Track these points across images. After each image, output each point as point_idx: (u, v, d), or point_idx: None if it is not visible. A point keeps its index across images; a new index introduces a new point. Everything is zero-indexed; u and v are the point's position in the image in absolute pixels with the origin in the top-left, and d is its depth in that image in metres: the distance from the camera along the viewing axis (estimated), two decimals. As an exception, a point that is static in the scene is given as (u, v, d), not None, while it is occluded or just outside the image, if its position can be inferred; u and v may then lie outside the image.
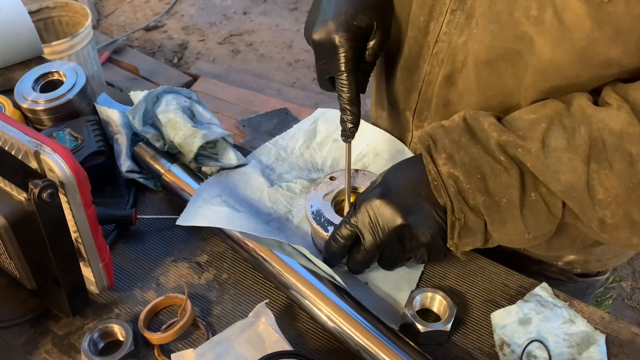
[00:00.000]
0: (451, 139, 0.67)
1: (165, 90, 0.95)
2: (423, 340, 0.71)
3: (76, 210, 0.66)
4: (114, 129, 0.92)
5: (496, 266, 0.81)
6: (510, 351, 0.70)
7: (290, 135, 0.98)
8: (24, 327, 0.74)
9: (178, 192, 0.86)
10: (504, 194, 0.65)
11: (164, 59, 3.14)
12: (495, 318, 0.73)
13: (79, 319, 0.75)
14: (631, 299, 2.12)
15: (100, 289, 0.75)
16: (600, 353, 0.69)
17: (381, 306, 0.76)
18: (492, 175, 0.65)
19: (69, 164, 0.63)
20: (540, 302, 0.74)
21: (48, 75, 0.98)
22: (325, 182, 0.83)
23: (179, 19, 3.42)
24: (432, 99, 0.81)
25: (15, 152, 0.64)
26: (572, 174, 0.62)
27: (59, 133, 0.89)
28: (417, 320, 0.70)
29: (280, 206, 0.88)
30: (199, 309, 0.76)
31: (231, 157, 0.91)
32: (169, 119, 0.90)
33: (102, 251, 0.72)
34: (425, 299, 0.75)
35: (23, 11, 1.07)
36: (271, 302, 0.77)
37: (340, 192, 0.83)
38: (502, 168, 0.65)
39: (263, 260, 0.76)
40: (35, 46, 1.12)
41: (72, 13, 2.66)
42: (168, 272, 0.81)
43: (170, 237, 0.85)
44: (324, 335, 0.73)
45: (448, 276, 0.80)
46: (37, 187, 0.60)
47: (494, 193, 0.65)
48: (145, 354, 0.72)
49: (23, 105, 0.94)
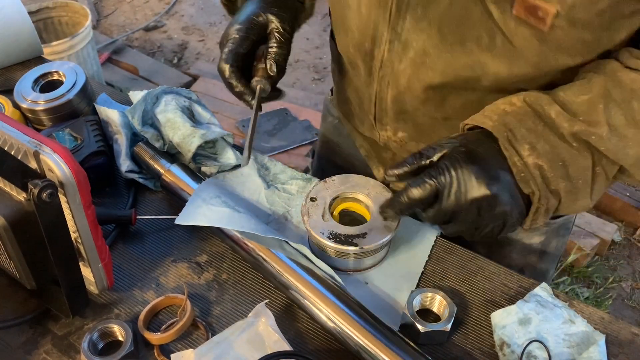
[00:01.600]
0: (527, 127, 0.68)
1: (164, 91, 0.95)
2: (423, 340, 0.71)
3: (76, 210, 0.66)
4: (114, 129, 0.92)
5: (496, 266, 0.81)
6: (510, 351, 0.70)
7: None
8: (23, 327, 0.74)
9: (178, 192, 0.86)
10: (581, 175, 0.69)
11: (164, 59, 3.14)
12: (495, 318, 0.73)
13: (79, 319, 0.75)
14: (631, 299, 2.12)
15: (99, 289, 0.75)
16: (600, 353, 0.69)
17: (381, 306, 0.76)
18: (571, 161, 0.68)
19: (68, 164, 0.63)
20: (540, 302, 0.74)
21: (48, 75, 0.98)
22: (310, 205, 0.80)
23: (178, 19, 3.42)
24: (387, 111, 0.84)
25: (15, 152, 0.64)
26: (639, 147, 0.67)
27: (59, 133, 0.89)
28: (417, 320, 0.70)
29: (279, 207, 0.88)
30: (198, 309, 0.76)
31: (230, 157, 0.91)
32: (168, 118, 0.90)
33: (102, 251, 0.72)
34: (426, 299, 0.75)
35: (23, 11, 1.07)
36: (271, 302, 0.77)
37: (332, 202, 0.80)
38: (577, 154, 0.68)
39: (263, 260, 0.76)
40: (35, 46, 1.12)
41: (72, 13, 2.66)
42: (168, 272, 0.80)
43: (169, 237, 0.85)
44: (324, 335, 0.73)
45: (448, 276, 0.80)
46: (37, 187, 0.60)
47: (574, 177, 0.68)
48: (145, 354, 0.71)
49: (23, 105, 0.94)
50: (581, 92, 0.68)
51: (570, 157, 0.68)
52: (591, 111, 0.66)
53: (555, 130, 0.68)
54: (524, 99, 0.69)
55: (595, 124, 0.66)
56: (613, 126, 0.66)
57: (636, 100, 0.66)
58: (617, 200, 2.30)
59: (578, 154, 0.67)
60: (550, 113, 0.68)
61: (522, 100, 0.69)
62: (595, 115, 0.66)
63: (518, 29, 0.65)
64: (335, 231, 0.77)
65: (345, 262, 0.79)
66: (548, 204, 0.69)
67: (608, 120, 0.66)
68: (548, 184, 0.68)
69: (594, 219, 2.23)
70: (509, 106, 0.70)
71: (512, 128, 0.68)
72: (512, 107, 0.69)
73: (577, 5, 0.61)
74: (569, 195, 0.69)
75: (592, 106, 0.67)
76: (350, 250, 0.75)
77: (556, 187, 0.68)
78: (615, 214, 2.33)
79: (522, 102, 0.69)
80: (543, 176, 0.68)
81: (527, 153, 0.67)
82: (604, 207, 2.33)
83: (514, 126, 0.68)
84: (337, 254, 0.77)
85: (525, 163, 0.67)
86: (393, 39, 0.74)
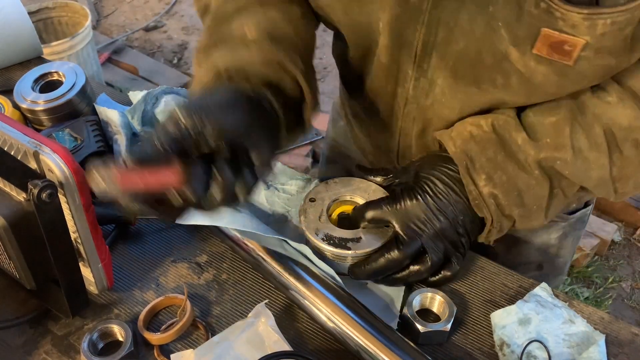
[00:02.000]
0: (487, 157, 0.71)
1: (164, 91, 0.95)
2: (422, 340, 0.71)
3: (75, 210, 0.66)
4: (114, 129, 0.92)
5: (496, 266, 0.81)
6: (510, 351, 0.70)
7: None
8: (23, 327, 0.74)
9: (178, 192, 0.86)
10: (535, 202, 0.72)
11: (164, 59, 3.14)
12: (495, 318, 0.73)
13: (79, 320, 0.75)
14: (631, 299, 2.12)
15: (99, 289, 0.75)
16: (600, 353, 0.69)
17: (381, 306, 0.76)
18: (527, 190, 0.71)
19: (68, 164, 0.63)
20: (540, 302, 0.74)
21: (47, 75, 0.98)
22: (308, 205, 0.80)
23: (178, 20, 3.42)
24: (412, 146, 0.84)
25: (14, 152, 0.64)
26: (600, 169, 0.69)
27: (59, 133, 0.89)
28: (416, 321, 0.70)
29: (278, 207, 0.88)
30: (198, 309, 0.76)
31: (231, 157, 0.91)
32: (169, 119, 0.90)
33: (102, 251, 0.72)
34: (425, 299, 0.75)
35: (23, 11, 1.07)
36: (271, 302, 0.77)
37: (331, 204, 0.80)
38: (535, 183, 0.70)
39: (263, 261, 0.76)
40: (34, 46, 1.12)
41: (72, 13, 2.66)
42: (168, 273, 0.80)
43: (169, 238, 0.85)
44: (324, 335, 0.73)
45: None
46: (37, 187, 0.60)
47: (528, 204, 0.72)
48: (145, 355, 0.71)
49: (22, 105, 0.94)
50: (550, 114, 0.69)
51: (527, 187, 0.71)
52: (558, 134, 0.68)
53: (515, 159, 0.70)
54: (492, 123, 0.71)
55: (561, 147, 0.68)
56: (577, 149, 0.68)
57: (597, 125, 0.67)
58: (617, 200, 2.30)
59: (535, 183, 0.70)
60: (517, 139, 0.70)
61: (490, 124, 0.71)
62: (561, 138, 0.68)
63: (538, 67, 0.63)
64: (330, 233, 0.76)
65: (343, 266, 0.77)
66: (501, 226, 0.73)
67: (572, 143, 0.68)
68: (502, 210, 0.72)
69: (594, 219, 2.23)
70: (475, 129, 0.72)
71: (473, 156, 0.71)
72: (479, 130, 0.72)
73: (606, 34, 0.58)
74: (522, 218, 0.73)
75: (558, 129, 0.68)
76: (342, 253, 0.74)
77: (510, 212, 0.72)
78: (615, 214, 2.33)
79: (489, 127, 0.71)
80: (497, 204, 0.71)
81: (483, 183, 0.70)
82: (604, 207, 2.33)
83: (474, 154, 0.71)
84: (332, 256, 0.76)
85: (481, 192, 0.71)
86: (419, 76, 0.73)
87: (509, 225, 0.74)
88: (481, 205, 0.71)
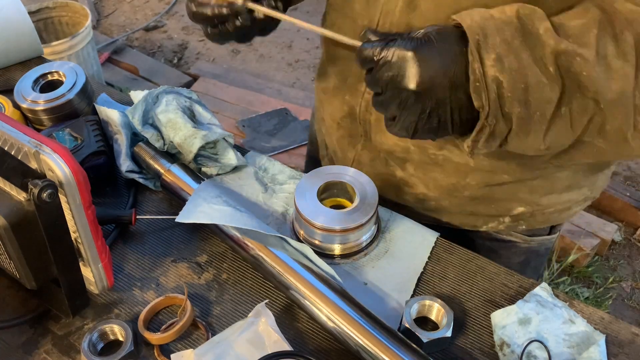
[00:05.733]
0: (503, 37, 0.63)
1: (165, 90, 0.95)
2: (426, 349, 0.70)
3: (76, 210, 0.66)
4: (114, 129, 0.92)
5: (496, 266, 0.81)
6: (510, 351, 0.70)
7: None
8: (23, 327, 0.74)
9: (178, 192, 0.86)
10: (539, 107, 0.64)
11: (164, 59, 3.14)
12: (495, 318, 0.73)
13: (79, 319, 0.75)
14: (631, 299, 2.12)
15: (100, 289, 0.75)
16: (600, 353, 0.69)
17: (381, 306, 0.76)
18: (535, 88, 0.63)
19: (68, 164, 0.63)
20: (540, 302, 0.74)
21: (48, 75, 0.98)
22: None
23: (178, 19, 3.42)
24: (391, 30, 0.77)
25: (15, 152, 0.64)
26: (622, 80, 0.62)
27: (59, 133, 0.89)
28: (417, 332, 0.70)
29: (277, 207, 0.88)
30: (198, 309, 0.76)
31: (231, 158, 0.91)
32: (169, 119, 0.90)
33: (102, 251, 0.72)
34: (423, 307, 0.74)
35: (23, 11, 1.07)
36: (271, 302, 0.77)
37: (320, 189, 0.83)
38: (546, 82, 0.63)
39: (263, 260, 0.76)
40: (35, 46, 1.12)
41: (72, 13, 2.66)
42: (168, 272, 0.80)
43: (170, 238, 0.85)
44: (324, 335, 0.73)
45: (448, 276, 0.80)
46: (37, 187, 0.60)
47: (532, 106, 0.64)
48: (145, 355, 0.71)
49: (23, 105, 0.94)
50: (576, 17, 0.64)
51: (536, 83, 0.63)
52: (583, 34, 0.62)
53: (532, 49, 0.63)
54: (517, 11, 0.64)
55: (584, 45, 0.62)
56: (601, 55, 0.62)
57: (629, 32, 0.61)
58: (617, 200, 2.30)
59: (546, 82, 0.63)
60: (540, 28, 0.63)
61: (515, 10, 0.64)
62: (586, 38, 0.62)
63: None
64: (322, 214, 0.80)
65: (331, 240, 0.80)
66: (496, 126, 0.65)
67: (598, 47, 0.62)
68: (502, 104, 0.63)
69: (594, 219, 2.23)
70: (498, 13, 0.65)
71: (487, 33, 0.63)
72: (501, 14, 0.64)
73: None
74: (521, 123, 0.65)
75: (585, 29, 0.63)
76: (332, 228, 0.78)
77: (510, 110, 0.64)
78: (615, 214, 2.33)
79: (514, 13, 0.64)
80: (499, 94, 0.63)
81: (491, 63, 0.62)
82: (604, 207, 2.33)
83: (489, 32, 0.63)
84: (323, 232, 0.79)
85: (485, 73, 0.63)
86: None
87: (504, 132, 0.66)
88: (481, 89, 0.63)
